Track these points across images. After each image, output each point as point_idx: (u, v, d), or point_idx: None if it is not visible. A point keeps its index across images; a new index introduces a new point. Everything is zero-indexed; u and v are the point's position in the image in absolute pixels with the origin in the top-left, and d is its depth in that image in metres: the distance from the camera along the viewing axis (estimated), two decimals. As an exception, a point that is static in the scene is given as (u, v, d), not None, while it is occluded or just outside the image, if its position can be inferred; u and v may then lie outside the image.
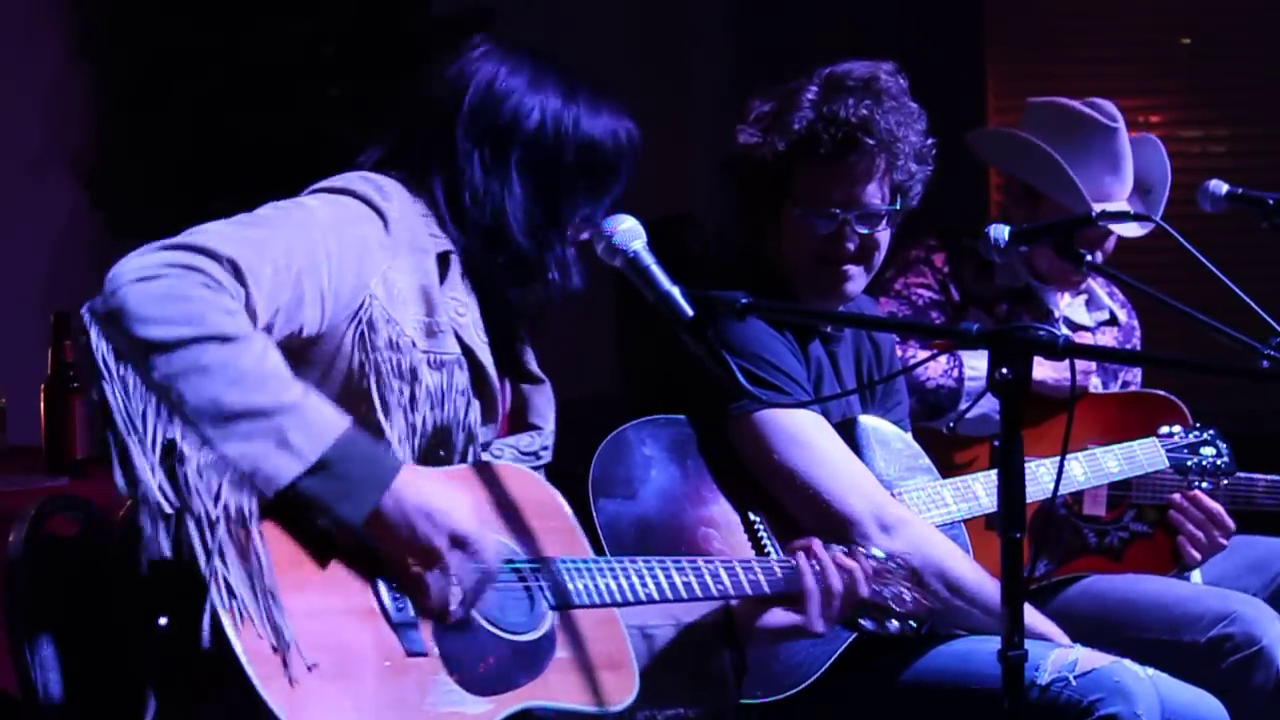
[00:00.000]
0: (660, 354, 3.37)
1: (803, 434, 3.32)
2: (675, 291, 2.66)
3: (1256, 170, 6.25)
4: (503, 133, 2.78)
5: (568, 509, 2.78)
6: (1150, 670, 3.29)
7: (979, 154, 4.36)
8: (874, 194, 3.39)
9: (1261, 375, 3.32)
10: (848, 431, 3.44)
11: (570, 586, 2.67)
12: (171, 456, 2.38)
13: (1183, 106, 6.84)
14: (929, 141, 3.45)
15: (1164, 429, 3.98)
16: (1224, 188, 3.94)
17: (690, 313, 2.64)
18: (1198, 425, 4.02)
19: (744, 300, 2.66)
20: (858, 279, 3.44)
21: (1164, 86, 6.82)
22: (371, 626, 2.47)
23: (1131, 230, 4.11)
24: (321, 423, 2.44)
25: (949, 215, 4.06)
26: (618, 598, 2.71)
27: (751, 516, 3.28)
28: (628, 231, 2.72)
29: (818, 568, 2.95)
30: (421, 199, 2.76)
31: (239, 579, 2.35)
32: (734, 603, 2.91)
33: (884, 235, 3.44)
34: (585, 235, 2.80)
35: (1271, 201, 3.91)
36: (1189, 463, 3.97)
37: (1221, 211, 3.97)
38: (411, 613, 2.50)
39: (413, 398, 2.66)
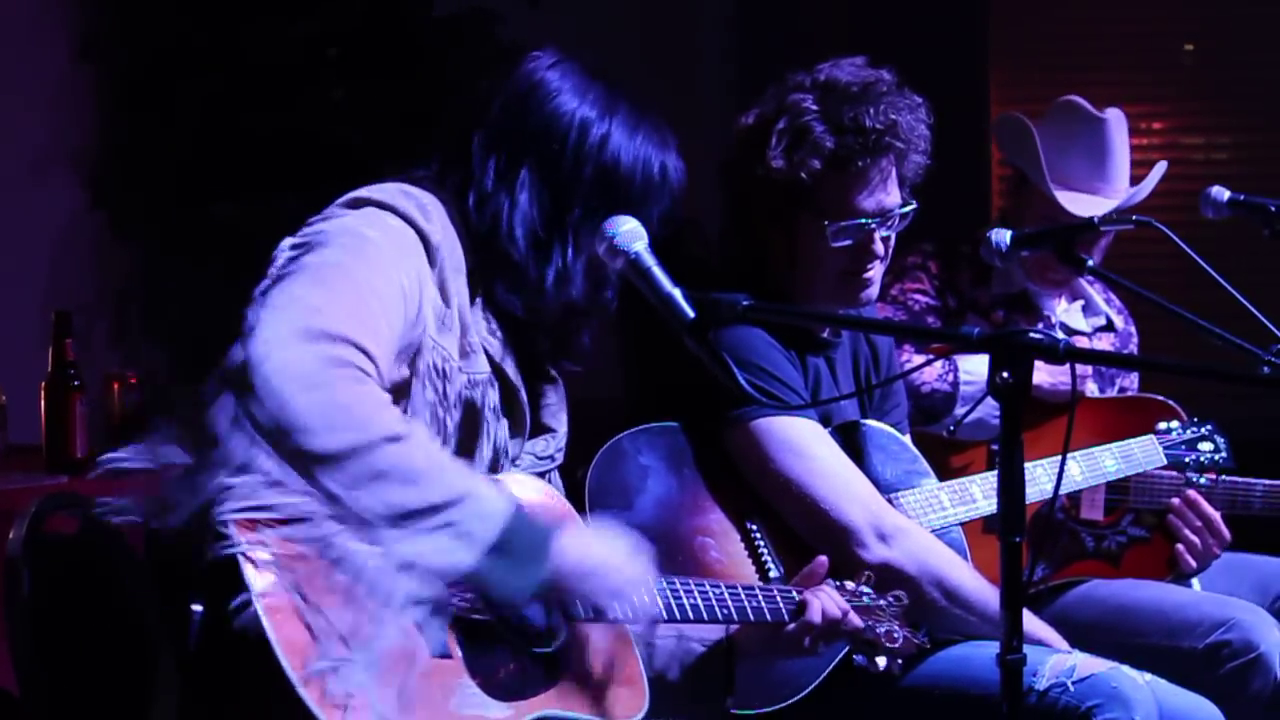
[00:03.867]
0: (660, 357, 3.36)
1: (800, 443, 3.32)
2: (677, 293, 2.66)
3: (1259, 177, 6.24)
4: (524, 137, 2.76)
5: (581, 523, 2.80)
6: (1148, 675, 3.29)
7: (998, 140, 4.41)
8: (893, 195, 3.40)
9: (1261, 381, 3.31)
10: (850, 435, 3.44)
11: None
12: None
13: (1185, 113, 6.83)
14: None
15: (1161, 425, 3.98)
16: (1226, 194, 3.94)
17: (691, 315, 2.63)
18: (1195, 420, 4.02)
19: (745, 302, 2.66)
20: (876, 283, 3.45)
21: (1167, 93, 6.81)
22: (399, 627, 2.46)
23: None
24: (491, 507, 2.48)
25: (949, 220, 4.06)
26: (630, 614, 2.71)
27: (749, 525, 3.28)
28: (629, 233, 2.72)
29: (819, 602, 2.95)
30: (452, 212, 2.74)
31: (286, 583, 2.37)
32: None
33: (895, 234, 3.45)
34: (596, 252, 2.77)
35: (1274, 208, 3.91)
36: (1187, 459, 3.96)
37: (1223, 218, 3.96)
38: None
39: (453, 418, 2.68)
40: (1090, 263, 3.83)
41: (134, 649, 2.48)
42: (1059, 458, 2.70)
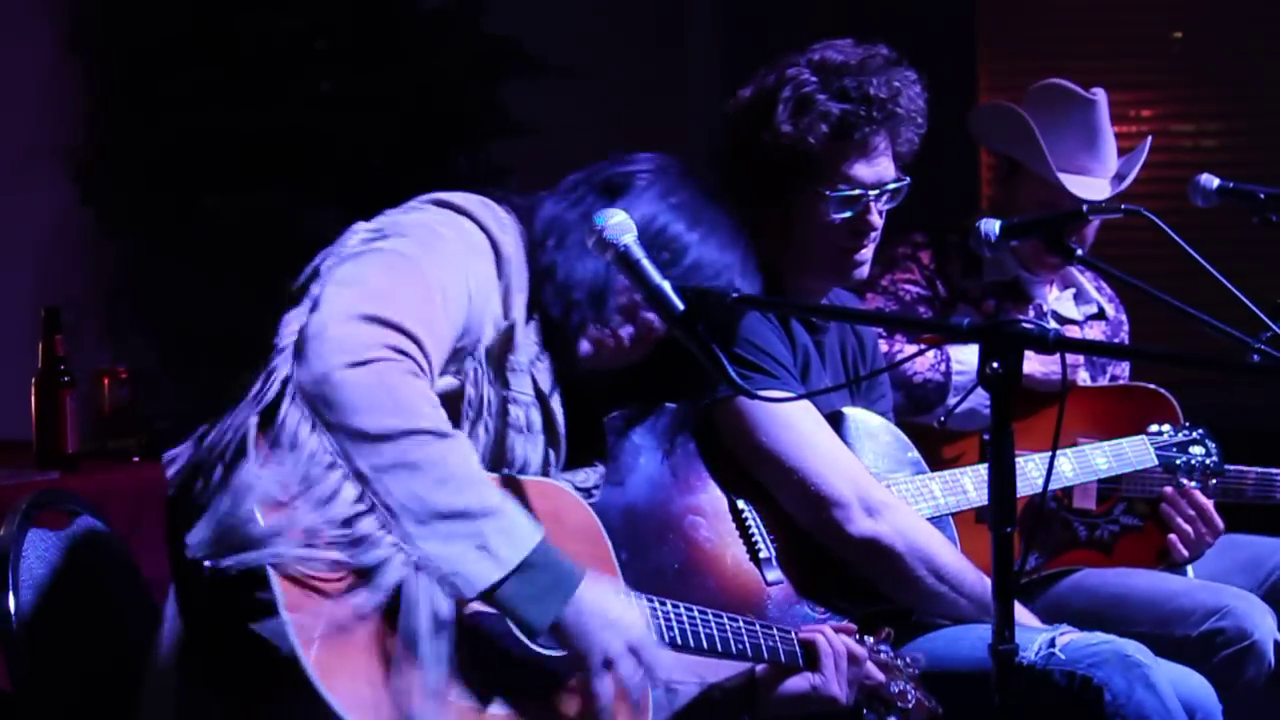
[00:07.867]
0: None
1: (788, 417, 3.32)
2: (666, 286, 2.65)
3: (1248, 164, 6.25)
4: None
5: (606, 537, 2.79)
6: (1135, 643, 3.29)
7: (973, 133, 4.39)
8: (889, 169, 3.43)
9: (1251, 370, 3.31)
10: (833, 425, 3.44)
11: None
12: None
13: (1174, 100, 6.83)
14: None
15: (1153, 427, 3.97)
16: (1215, 182, 3.93)
17: (680, 306, 2.64)
18: (1187, 424, 4.02)
19: (734, 293, 2.67)
20: (869, 262, 3.48)
21: (1156, 80, 6.81)
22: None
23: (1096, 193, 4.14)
24: (520, 530, 2.44)
25: (939, 210, 4.06)
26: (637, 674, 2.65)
27: (740, 505, 3.28)
28: (618, 225, 2.72)
29: (833, 648, 2.94)
30: (524, 234, 2.76)
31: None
32: (759, 669, 2.91)
33: (888, 210, 3.47)
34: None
35: (1262, 195, 3.90)
36: (1178, 461, 3.96)
37: (1212, 206, 3.96)
38: None
39: (487, 430, 2.67)
40: (1079, 252, 3.82)
41: (122, 646, 2.48)
42: (1050, 451, 2.69)
